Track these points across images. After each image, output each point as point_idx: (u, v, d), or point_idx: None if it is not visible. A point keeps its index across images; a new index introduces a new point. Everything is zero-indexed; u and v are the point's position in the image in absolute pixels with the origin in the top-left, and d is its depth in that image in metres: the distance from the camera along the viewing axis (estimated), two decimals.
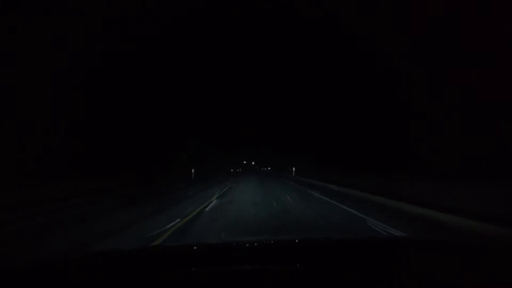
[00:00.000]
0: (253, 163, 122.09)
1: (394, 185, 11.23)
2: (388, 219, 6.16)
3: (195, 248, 1.78)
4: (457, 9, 13.78)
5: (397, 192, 9.46)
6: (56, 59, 14.11)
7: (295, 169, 34.04)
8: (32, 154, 12.82)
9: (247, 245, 1.75)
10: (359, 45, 18.46)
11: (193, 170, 27.49)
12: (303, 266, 1.18)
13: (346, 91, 21.60)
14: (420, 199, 7.92)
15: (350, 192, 12.27)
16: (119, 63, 18.69)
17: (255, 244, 1.78)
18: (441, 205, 6.92)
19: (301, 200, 9.69)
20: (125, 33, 18.54)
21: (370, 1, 17.66)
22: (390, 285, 1.00)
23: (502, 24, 11.62)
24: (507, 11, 12.05)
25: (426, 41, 14.50)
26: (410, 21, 15.37)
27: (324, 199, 10.08)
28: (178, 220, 6.07)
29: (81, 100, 15.50)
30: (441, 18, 14.48)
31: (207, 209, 7.73)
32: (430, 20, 14.28)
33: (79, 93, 15.22)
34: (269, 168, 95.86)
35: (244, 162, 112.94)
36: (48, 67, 13.67)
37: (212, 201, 9.27)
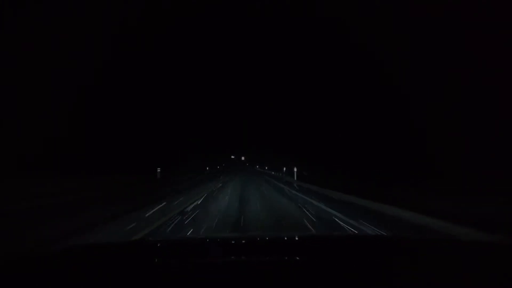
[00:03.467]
0: (243, 158, 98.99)
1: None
2: None
3: (188, 241, 1.82)
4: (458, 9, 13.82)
5: None
6: (58, 60, 14.06)
7: (296, 170, 24.68)
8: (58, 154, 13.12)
9: (243, 241, 1.76)
10: (366, 45, 18.42)
11: None
12: (297, 261, 1.20)
13: (349, 91, 21.52)
14: None
15: None
16: (119, 64, 18.67)
17: (250, 240, 1.80)
18: None
19: None
20: (124, 34, 18.50)
21: (370, 0, 17.70)
22: (384, 284, 1.00)
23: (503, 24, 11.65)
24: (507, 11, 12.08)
25: (427, 41, 14.53)
26: (411, 20, 15.41)
27: None
28: None
29: (85, 101, 15.51)
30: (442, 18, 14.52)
31: None
32: (432, 20, 14.32)
33: (82, 94, 15.22)
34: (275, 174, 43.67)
35: (232, 156, 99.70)
36: (49, 68, 13.65)
37: None
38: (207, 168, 46.87)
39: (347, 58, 20.91)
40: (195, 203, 10.03)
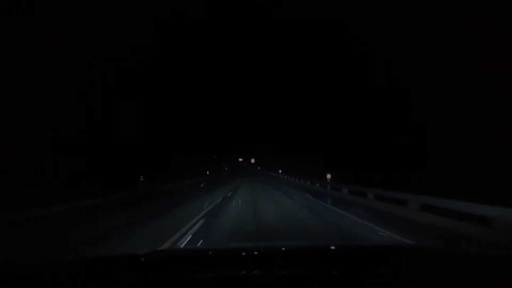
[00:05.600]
0: (252, 160, 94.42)
1: None
2: None
3: (199, 253, 1.81)
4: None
5: None
6: (54, 59, 13.53)
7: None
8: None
9: (255, 252, 1.75)
10: (375, 46, 18.40)
11: None
12: (309, 272, 1.19)
13: (352, 91, 21.47)
14: None
15: None
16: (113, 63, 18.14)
17: (261, 250, 1.80)
18: None
19: None
20: (120, 34, 17.97)
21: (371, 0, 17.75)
22: None
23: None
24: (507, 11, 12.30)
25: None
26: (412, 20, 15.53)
27: None
28: None
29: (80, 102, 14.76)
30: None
31: None
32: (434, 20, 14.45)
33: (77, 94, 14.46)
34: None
35: (240, 159, 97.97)
36: (44, 69, 13.07)
37: None
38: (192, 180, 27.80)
39: (355, 58, 20.92)
40: None
